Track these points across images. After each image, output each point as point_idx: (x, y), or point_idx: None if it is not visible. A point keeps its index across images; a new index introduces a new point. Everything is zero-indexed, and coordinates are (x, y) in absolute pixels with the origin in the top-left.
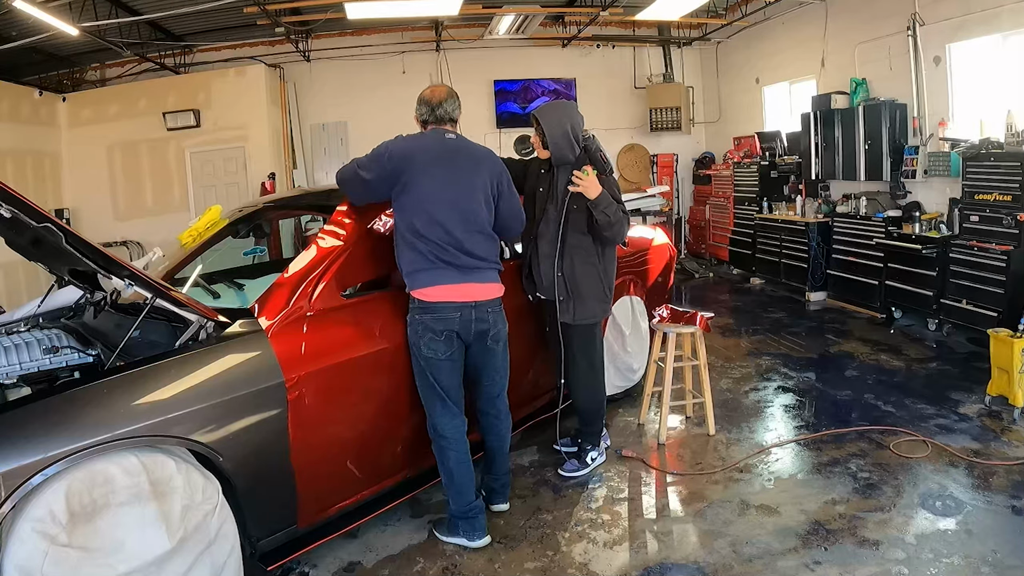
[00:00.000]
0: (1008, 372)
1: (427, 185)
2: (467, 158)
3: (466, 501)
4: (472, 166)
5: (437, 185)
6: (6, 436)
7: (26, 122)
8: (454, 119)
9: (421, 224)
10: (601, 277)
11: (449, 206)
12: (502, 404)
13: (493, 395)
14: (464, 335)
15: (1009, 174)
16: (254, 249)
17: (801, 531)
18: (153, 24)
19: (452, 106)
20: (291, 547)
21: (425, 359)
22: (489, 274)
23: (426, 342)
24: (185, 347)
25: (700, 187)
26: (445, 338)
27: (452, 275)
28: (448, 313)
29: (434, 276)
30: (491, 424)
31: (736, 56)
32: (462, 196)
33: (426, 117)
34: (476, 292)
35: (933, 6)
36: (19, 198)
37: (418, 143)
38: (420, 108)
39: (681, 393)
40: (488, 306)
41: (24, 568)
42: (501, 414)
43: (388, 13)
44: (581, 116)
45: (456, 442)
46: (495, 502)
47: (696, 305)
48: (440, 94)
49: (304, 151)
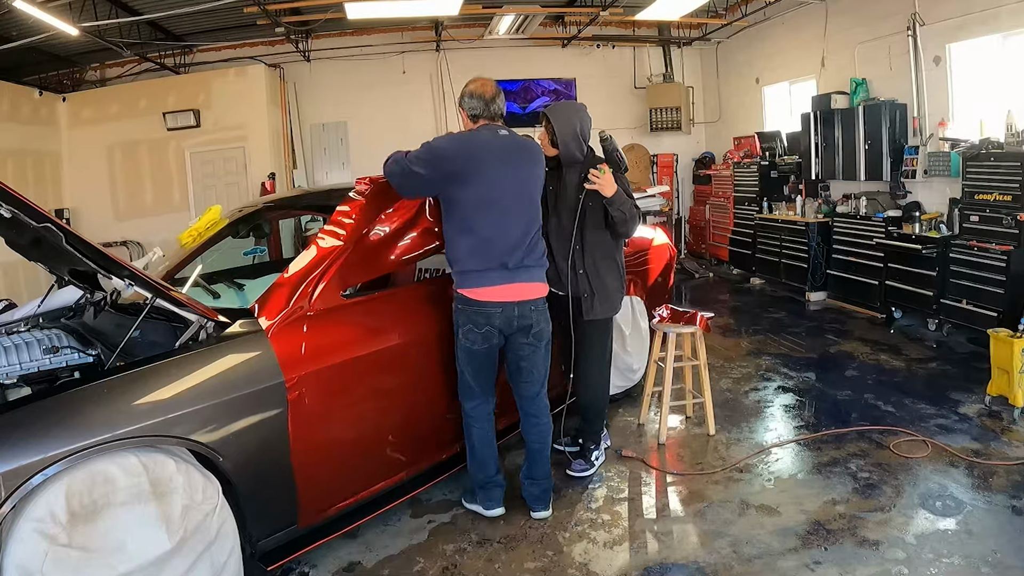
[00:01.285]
0: (1008, 372)
1: (491, 184)
2: (524, 154)
3: (486, 474)
4: (529, 163)
5: (501, 184)
6: (6, 436)
7: (26, 122)
8: (503, 115)
9: (484, 223)
10: (620, 271)
11: (514, 206)
12: (541, 405)
13: (531, 394)
14: (505, 329)
15: (1009, 174)
16: (254, 249)
17: (801, 531)
18: (153, 24)
19: (503, 102)
20: (291, 547)
21: (461, 346)
22: (537, 273)
23: (465, 332)
24: (185, 347)
25: (700, 187)
26: (484, 332)
27: (502, 275)
28: (491, 310)
29: (485, 278)
30: (530, 425)
31: (736, 56)
32: (525, 196)
33: (479, 112)
34: (522, 292)
35: (933, 6)
36: (19, 198)
37: (477, 140)
38: (471, 102)
39: (681, 393)
40: (532, 304)
41: (24, 568)
42: (541, 415)
43: (388, 13)
44: (590, 118)
45: (479, 420)
46: (536, 508)
47: (696, 305)
48: (492, 89)
49: (304, 151)
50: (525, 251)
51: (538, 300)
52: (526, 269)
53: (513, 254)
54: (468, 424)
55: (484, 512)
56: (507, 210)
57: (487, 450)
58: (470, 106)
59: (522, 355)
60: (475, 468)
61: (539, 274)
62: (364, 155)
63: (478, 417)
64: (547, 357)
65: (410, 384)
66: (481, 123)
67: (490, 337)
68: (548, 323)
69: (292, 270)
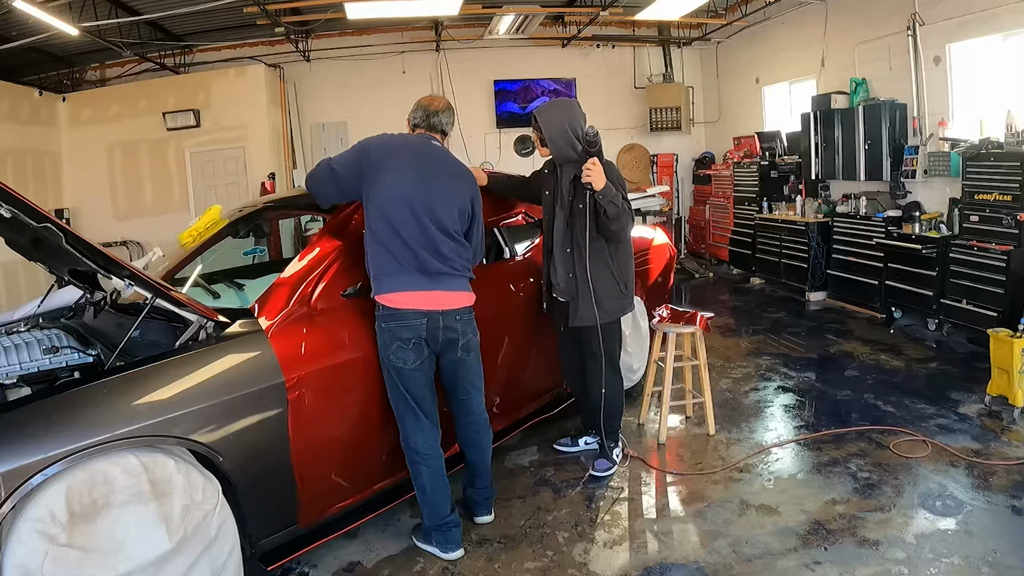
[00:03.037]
0: (1008, 372)
1: (404, 180)
2: (449, 167)
3: (440, 516)
4: (452, 176)
5: (414, 181)
6: (6, 436)
7: (26, 122)
8: (445, 132)
9: (395, 217)
10: (616, 274)
11: (425, 203)
12: (480, 416)
13: (470, 407)
14: (432, 343)
15: (1009, 174)
16: (254, 249)
17: (801, 531)
18: (153, 24)
19: (447, 118)
20: (291, 547)
21: (395, 369)
22: (458, 281)
23: (394, 351)
24: (185, 347)
25: (700, 187)
26: (413, 346)
27: (420, 281)
28: (414, 320)
29: (401, 281)
30: (471, 438)
31: (736, 56)
32: (438, 198)
33: (418, 122)
34: (444, 300)
35: (933, 6)
36: (19, 198)
37: (401, 140)
38: (415, 112)
39: (681, 393)
40: (457, 314)
41: (24, 568)
42: (480, 426)
43: (388, 13)
44: (583, 113)
45: (429, 457)
46: (479, 514)
47: (696, 305)
48: (439, 104)
49: (304, 151)
50: (440, 254)
51: (462, 310)
52: (446, 276)
53: (427, 257)
54: (415, 463)
55: (442, 555)
56: (422, 209)
57: (440, 491)
58: (413, 116)
59: (455, 370)
60: (428, 512)
61: (461, 282)
62: None
63: (429, 453)
64: (479, 365)
65: None
66: (419, 132)
67: (420, 350)
68: (476, 333)
69: (292, 270)
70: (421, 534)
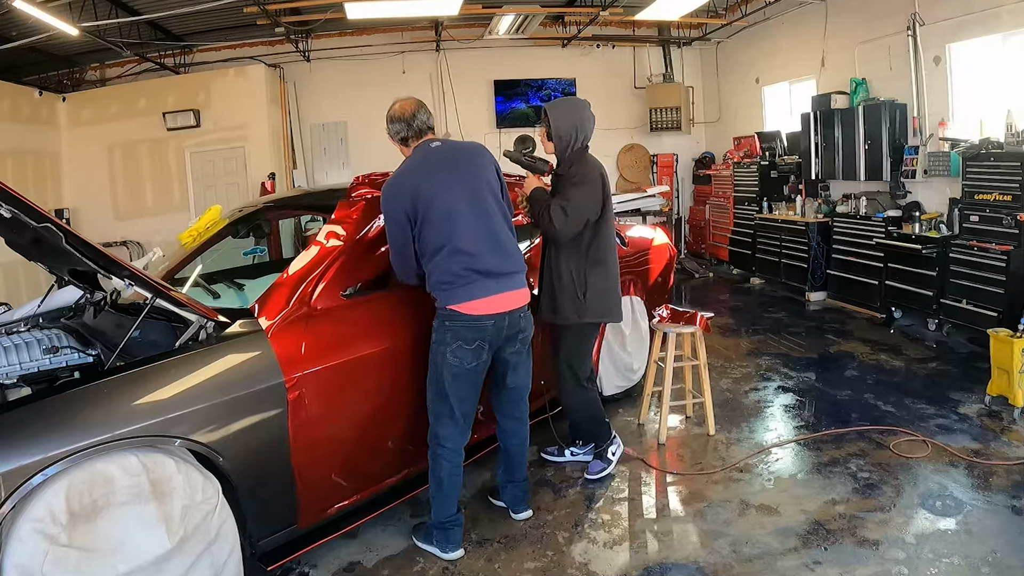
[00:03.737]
0: (1008, 372)
1: (440, 205)
2: (463, 158)
3: (448, 513)
4: (471, 164)
5: (455, 194)
6: (6, 436)
7: (26, 122)
8: (431, 127)
9: (448, 243)
10: (574, 277)
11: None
12: (525, 408)
13: (518, 398)
14: (495, 342)
15: (1009, 174)
16: (254, 249)
17: (801, 531)
18: (153, 24)
19: (425, 115)
20: (291, 547)
21: (448, 366)
22: (520, 278)
23: (453, 350)
24: (185, 347)
25: (700, 187)
26: (475, 347)
27: (489, 286)
28: (484, 323)
29: (471, 291)
30: (514, 428)
31: (736, 56)
32: (478, 198)
33: (405, 134)
34: (512, 300)
35: (933, 6)
36: (19, 198)
37: (409, 170)
38: (395, 127)
39: (681, 393)
40: (521, 312)
41: (24, 568)
42: (524, 417)
43: (388, 13)
44: (592, 116)
45: (454, 453)
46: (519, 510)
47: (696, 305)
48: (410, 107)
49: (304, 151)
50: (501, 256)
51: (525, 307)
52: (510, 276)
53: (490, 261)
54: (437, 456)
55: (441, 555)
56: (467, 217)
57: (454, 487)
58: (395, 131)
59: (511, 362)
60: (437, 507)
61: (522, 279)
62: (364, 155)
63: (453, 448)
64: (531, 359)
65: (410, 384)
66: (413, 144)
67: (480, 353)
68: (532, 327)
69: (292, 270)
70: (421, 534)
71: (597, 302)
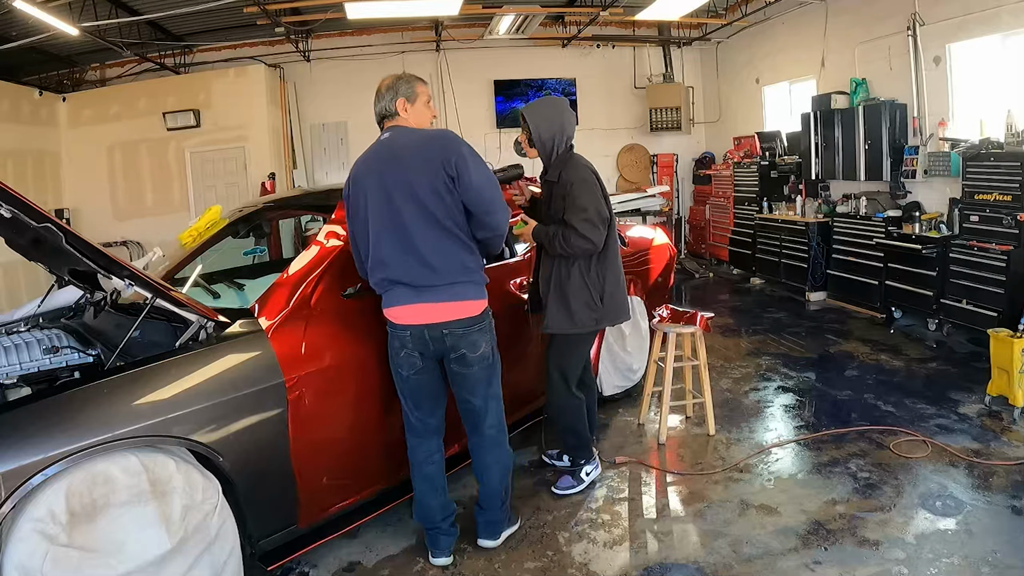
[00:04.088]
0: (1008, 372)
1: (363, 208)
2: (405, 158)
3: (428, 521)
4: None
5: (371, 205)
6: (6, 436)
7: (26, 122)
8: (391, 113)
9: (370, 247)
10: (588, 283)
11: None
12: (487, 432)
13: (473, 421)
14: (426, 353)
15: (1009, 174)
16: (254, 249)
17: (801, 531)
18: (153, 24)
19: (389, 97)
20: (291, 547)
21: (394, 372)
22: (444, 292)
23: (392, 356)
24: (185, 347)
25: (700, 187)
26: (405, 356)
27: (406, 295)
28: (401, 332)
29: (389, 298)
30: (473, 450)
31: (736, 56)
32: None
33: (377, 118)
34: (427, 314)
35: (933, 6)
36: (19, 198)
37: (358, 161)
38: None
39: (681, 393)
40: (443, 327)
41: (24, 568)
42: (484, 442)
43: (388, 13)
44: (573, 114)
45: (417, 461)
46: (479, 536)
47: (696, 305)
48: (382, 87)
49: (304, 151)
50: (420, 269)
51: (453, 323)
52: (431, 288)
53: (403, 273)
54: (409, 462)
55: (431, 559)
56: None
57: (427, 496)
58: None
59: (455, 381)
60: (417, 512)
61: (448, 292)
62: None
63: (416, 459)
64: (488, 378)
65: None
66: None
67: (412, 361)
68: (477, 345)
69: (292, 270)
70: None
71: (612, 305)
